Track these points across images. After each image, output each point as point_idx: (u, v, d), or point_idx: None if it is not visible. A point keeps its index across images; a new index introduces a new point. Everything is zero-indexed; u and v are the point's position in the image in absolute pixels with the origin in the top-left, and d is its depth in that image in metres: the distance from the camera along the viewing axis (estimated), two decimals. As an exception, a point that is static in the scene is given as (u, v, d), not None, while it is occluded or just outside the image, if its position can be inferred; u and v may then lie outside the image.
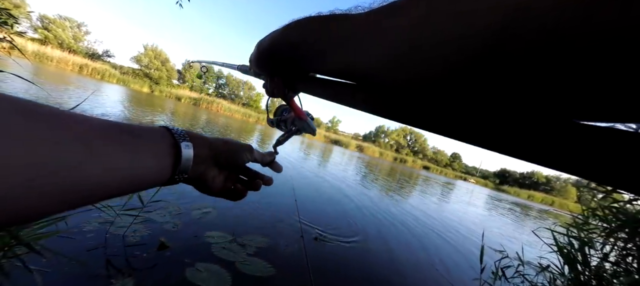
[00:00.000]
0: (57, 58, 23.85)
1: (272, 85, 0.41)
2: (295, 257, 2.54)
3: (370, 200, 6.33)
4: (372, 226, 4.19)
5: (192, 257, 2.07)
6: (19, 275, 1.39)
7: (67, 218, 1.85)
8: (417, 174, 24.50)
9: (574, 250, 2.05)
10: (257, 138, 13.71)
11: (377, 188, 8.58)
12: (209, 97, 35.54)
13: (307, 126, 0.50)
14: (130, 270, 1.76)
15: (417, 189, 11.78)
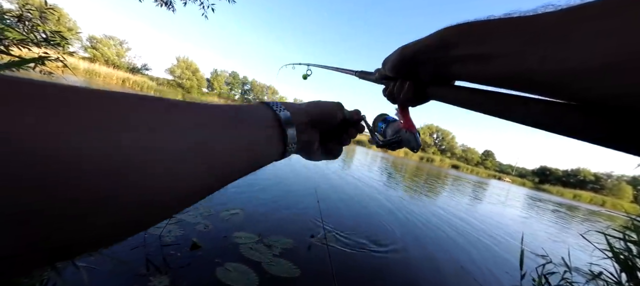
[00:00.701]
0: (103, 73, 26.53)
1: (401, 90, 0.41)
2: (319, 259, 2.54)
3: (396, 201, 6.15)
4: (396, 228, 4.06)
5: (222, 257, 2.17)
6: (68, 272, 1.56)
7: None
8: (446, 173, 23.35)
9: (633, 256, 1.80)
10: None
11: (403, 189, 8.31)
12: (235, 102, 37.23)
13: (413, 139, 0.48)
14: (166, 268, 1.88)
15: (446, 189, 11.22)
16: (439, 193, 9.35)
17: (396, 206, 5.59)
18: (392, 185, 8.56)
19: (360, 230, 3.55)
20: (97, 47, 34.27)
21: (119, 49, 36.72)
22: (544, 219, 9.28)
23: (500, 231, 5.69)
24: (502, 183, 32.73)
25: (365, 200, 5.45)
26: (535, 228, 7.21)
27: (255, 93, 46.56)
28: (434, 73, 0.34)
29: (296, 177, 6.01)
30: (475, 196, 11.36)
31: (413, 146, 0.48)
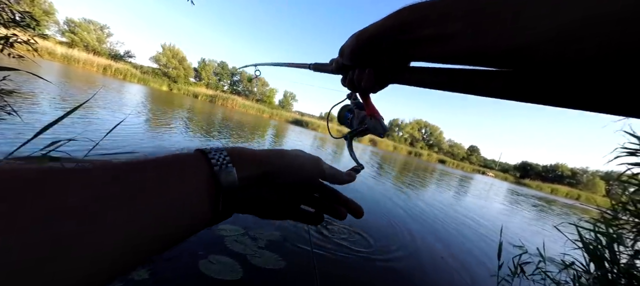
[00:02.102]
0: (83, 60, 25.17)
1: (361, 78, 0.39)
2: (302, 249, 2.55)
3: (382, 194, 6.26)
4: (381, 220, 4.14)
5: (206, 249, 2.14)
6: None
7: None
8: (433, 168, 23.92)
9: (601, 247, 1.91)
10: (271, 133, 13.89)
11: (390, 182, 8.45)
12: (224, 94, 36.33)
13: (379, 125, 0.48)
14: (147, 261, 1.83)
15: (432, 183, 11.51)
16: (425, 187, 9.57)
17: (382, 198, 5.68)
18: (380, 178, 8.68)
19: (345, 222, 3.59)
20: (75, 31, 32.45)
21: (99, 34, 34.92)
22: (522, 212, 9.71)
23: (481, 223, 5.90)
24: (485, 177, 33.92)
25: (352, 193, 5.51)
26: (514, 221, 7.53)
27: (245, 84, 45.65)
28: (392, 57, 0.34)
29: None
30: (459, 190, 11.71)
31: (379, 132, 0.49)
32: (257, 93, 45.64)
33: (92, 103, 7.25)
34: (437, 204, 6.73)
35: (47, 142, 1.42)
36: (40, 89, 7.00)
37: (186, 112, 12.99)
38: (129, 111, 8.02)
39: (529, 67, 0.22)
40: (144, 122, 7.05)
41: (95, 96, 8.97)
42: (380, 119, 0.48)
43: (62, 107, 5.89)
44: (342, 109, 0.58)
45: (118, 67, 27.48)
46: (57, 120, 1.20)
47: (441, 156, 49.82)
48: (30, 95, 5.90)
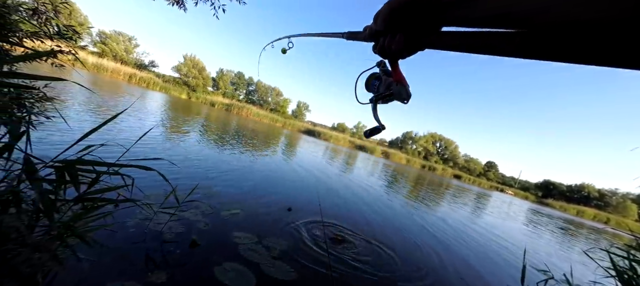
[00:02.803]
0: (111, 68, 26.78)
1: (392, 43, 0.43)
2: (319, 263, 2.53)
3: (397, 209, 6.12)
4: (398, 237, 4.03)
5: (221, 256, 2.17)
6: (71, 263, 1.57)
7: (113, 214, 2.05)
8: (448, 183, 23.17)
9: (637, 276, 1.77)
10: (283, 142, 14.03)
11: (404, 197, 8.26)
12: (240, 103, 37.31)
13: (403, 90, 0.51)
14: (165, 265, 1.89)
15: (447, 199, 11.13)
16: (441, 202, 9.27)
17: (398, 214, 5.55)
18: (394, 192, 8.51)
19: (363, 238, 3.53)
20: (106, 42, 34.75)
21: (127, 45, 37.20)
22: (546, 234, 9.15)
23: (502, 244, 5.61)
24: (504, 195, 32.39)
25: (367, 207, 5.43)
26: (538, 243, 7.10)
27: (260, 94, 46.73)
28: (423, 21, 0.37)
29: (299, 180, 6.01)
30: (477, 207, 11.23)
31: (403, 97, 0.52)
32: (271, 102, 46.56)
33: (119, 110, 7.65)
34: (454, 221, 6.48)
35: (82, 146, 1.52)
36: (73, 95, 7.50)
37: (204, 119, 13.43)
38: (153, 118, 8.40)
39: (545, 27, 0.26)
40: (166, 129, 7.34)
41: (122, 103, 9.48)
42: (405, 85, 0.51)
43: (93, 112, 6.26)
44: (370, 77, 0.60)
45: (142, 76, 29.00)
46: (97, 128, 1.29)
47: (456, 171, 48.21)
48: (68, 101, 6.33)
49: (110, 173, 1.46)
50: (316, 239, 2.99)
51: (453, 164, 53.39)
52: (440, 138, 54.67)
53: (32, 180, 1.17)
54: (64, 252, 1.34)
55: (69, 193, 1.41)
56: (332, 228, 3.51)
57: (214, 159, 5.47)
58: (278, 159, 8.11)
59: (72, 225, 1.28)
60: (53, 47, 2.36)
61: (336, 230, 3.46)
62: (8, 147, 1.20)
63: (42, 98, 2.55)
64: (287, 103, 47.97)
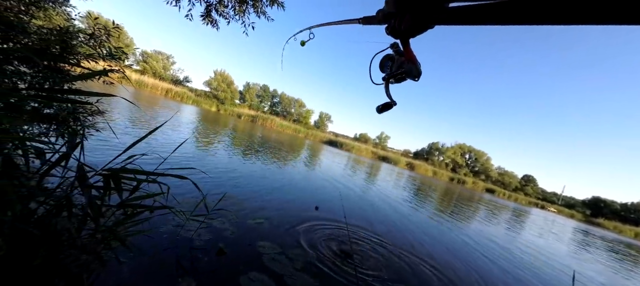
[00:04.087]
0: (150, 84, 29.35)
1: (401, 22, 0.46)
2: (344, 278, 2.45)
3: (426, 224, 5.81)
4: (428, 253, 3.81)
5: (246, 265, 2.19)
6: (112, 265, 1.68)
7: (149, 220, 2.18)
8: (480, 197, 21.64)
9: None
10: (306, 153, 14.16)
11: (433, 211, 7.84)
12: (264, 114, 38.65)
13: (414, 68, 0.55)
14: (194, 271, 1.95)
15: (481, 214, 10.35)
16: (473, 218, 8.64)
17: (426, 229, 5.27)
18: (420, 205, 8.12)
19: (392, 252, 3.39)
20: (147, 60, 38.23)
21: (165, 63, 40.59)
22: (599, 258, 8.07)
23: (547, 266, 5.05)
24: (545, 212, 29.39)
25: (395, 220, 5.22)
26: (589, 268, 6.28)
27: (283, 105, 48.03)
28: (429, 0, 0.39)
29: (323, 192, 5.99)
30: (515, 224, 10.29)
31: (414, 74, 0.56)
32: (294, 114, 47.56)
33: (158, 122, 8.28)
34: (491, 239, 5.99)
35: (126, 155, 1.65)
36: (119, 109, 8.27)
37: (231, 130, 14.05)
38: (187, 130, 8.97)
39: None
40: (198, 140, 7.78)
41: (160, 116, 10.26)
42: (416, 63, 0.55)
43: (135, 124, 6.84)
44: (383, 58, 0.64)
45: (177, 91, 31.38)
46: (140, 139, 1.40)
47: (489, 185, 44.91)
48: (115, 114, 7.01)
49: (148, 181, 1.56)
50: (341, 252, 2.92)
51: (485, 177, 49.94)
52: (470, 150, 51.66)
53: (83, 187, 1.28)
54: (106, 255, 1.44)
55: (113, 199, 1.53)
56: (359, 242, 3.41)
57: (241, 169, 5.66)
58: (302, 169, 8.18)
59: (114, 229, 1.38)
60: (105, 67, 2.65)
61: (362, 243, 3.36)
62: (66, 155, 1.34)
63: (95, 112, 2.84)
64: (310, 114, 48.65)
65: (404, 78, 0.59)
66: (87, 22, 3.52)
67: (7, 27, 2.13)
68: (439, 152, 51.95)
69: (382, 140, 54.86)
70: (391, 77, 0.60)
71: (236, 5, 3.85)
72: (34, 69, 2.20)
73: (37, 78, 2.11)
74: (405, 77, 0.58)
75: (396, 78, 0.60)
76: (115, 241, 1.42)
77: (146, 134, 1.45)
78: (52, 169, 1.30)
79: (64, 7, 3.30)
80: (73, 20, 3.47)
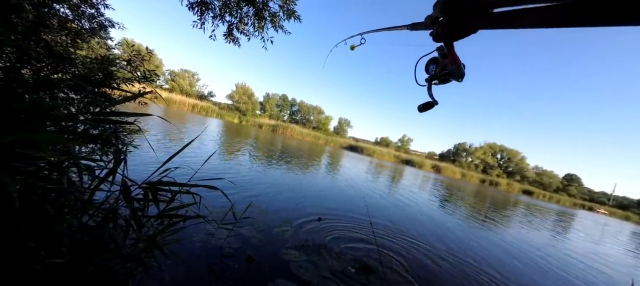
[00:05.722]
0: (178, 101, 31.39)
1: (444, 27, 0.50)
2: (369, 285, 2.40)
3: (457, 229, 5.52)
4: (462, 264, 3.61)
5: (274, 272, 2.23)
6: (153, 272, 1.80)
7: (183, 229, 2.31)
8: (516, 200, 20.13)
9: None
10: (327, 159, 14.18)
11: (464, 215, 7.43)
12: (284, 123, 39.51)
13: (457, 70, 0.58)
14: (225, 278, 2.02)
15: (519, 218, 9.61)
16: (512, 222, 8.05)
17: (459, 234, 5.01)
18: (452, 209, 7.74)
19: (420, 262, 3.27)
20: (175, 79, 40.94)
21: (191, 80, 43.19)
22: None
23: (603, 275, 4.54)
24: (595, 214, 26.53)
25: (424, 227, 5.03)
26: (653, 278, 5.53)
27: (302, 113, 48.72)
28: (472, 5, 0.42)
29: (345, 198, 5.94)
30: (561, 228, 9.41)
31: (458, 76, 0.59)
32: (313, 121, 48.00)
33: (187, 136, 8.80)
34: (535, 245, 5.53)
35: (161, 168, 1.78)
36: (152, 125, 8.91)
37: (253, 140, 14.50)
38: (213, 142, 9.43)
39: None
40: (223, 151, 8.13)
41: (189, 130, 10.89)
42: (459, 65, 0.57)
43: (168, 139, 7.33)
44: (428, 62, 0.68)
45: (202, 105, 33.21)
46: (174, 154, 1.51)
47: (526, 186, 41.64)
48: (150, 130, 7.58)
49: (182, 192, 1.67)
50: (368, 260, 2.87)
51: (521, 178, 46.45)
52: (502, 149, 48.52)
53: (127, 200, 1.41)
54: (149, 262, 1.55)
55: (151, 210, 1.65)
56: (385, 248, 3.33)
57: (264, 178, 5.80)
58: (323, 176, 8.19)
59: (154, 238, 1.48)
60: (140, 89, 2.90)
61: (388, 249, 3.27)
62: (112, 171, 1.47)
63: (133, 130, 3.10)
64: (329, 121, 48.83)
65: (448, 80, 0.62)
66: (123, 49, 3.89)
67: (58, 60, 2.42)
68: (467, 153, 49.38)
69: (405, 143, 53.38)
70: (435, 79, 0.64)
71: (255, 22, 4.03)
72: (81, 94, 2.45)
73: (84, 102, 2.35)
74: (449, 79, 0.61)
75: (440, 79, 0.63)
76: (156, 249, 1.53)
77: (179, 150, 1.56)
78: (101, 184, 1.44)
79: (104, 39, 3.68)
80: (112, 48, 3.85)
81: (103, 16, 3.45)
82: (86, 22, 3.32)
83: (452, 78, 0.61)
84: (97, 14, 3.40)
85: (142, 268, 1.46)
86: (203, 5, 3.74)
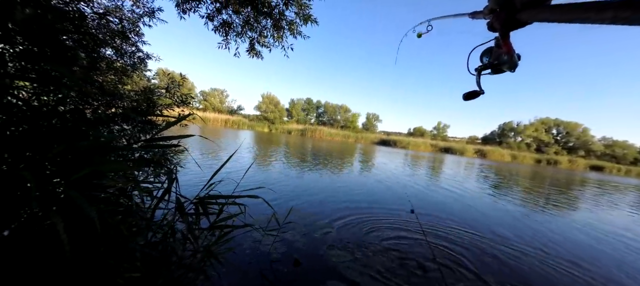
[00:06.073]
0: (212, 118, 33.76)
1: (498, 19, 0.51)
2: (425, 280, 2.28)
3: (525, 222, 5.02)
4: (527, 257, 3.26)
5: (322, 274, 2.24)
6: (212, 280, 1.92)
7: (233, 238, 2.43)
8: (583, 178, 17.69)
9: None
10: (358, 157, 13.97)
11: (527, 204, 6.73)
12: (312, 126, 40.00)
13: (509, 59, 0.58)
14: (277, 282, 2.08)
15: (590, 196, 8.41)
16: (583, 203, 7.07)
17: (522, 223, 4.55)
18: (505, 196, 7.07)
19: (478, 255, 3.03)
20: (207, 98, 43.99)
21: (221, 97, 46.05)
22: None
23: None
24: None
25: (476, 217, 4.67)
26: None
27: (328, 114, 48.81)
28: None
29: (382, 193, 5.78)
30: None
31: (510, 66, 0.59)
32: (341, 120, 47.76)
33: (224, 150, 9.36)
34: (621, 224, 4.80)
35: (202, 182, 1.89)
36: (191, 144, 9.66)
37: (284, 146, 14.90)
38: (248, 153, 9.90)
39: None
40: (258, 161, 8.49)
41: (225, 145, 11.59)
42: (513, 55, 0.57)
43: (207, 155, 7.88)
44: (483, 52, 0.68)
45: (234, 120, 35.23)
46: (217, 170, 1.59)
47: (594, 161, 36.28)
48: (192, 149, 8.25)
49: (228, 203, 1.75)
50: (419, 256, 2.73)
51: (585, 152, 40.71)
52: (557, 123, 43.13)
53: (182, 215, 1.52)
54: (208, 271, 1.66)
55: (203, 223, 1.76)
56: (439, 246, 3.15)
57: (299, 182, 5.90)
58: (358, 174, 8.08)
59: (210, 248, 1.58)
60: (179, 113, 3.16)
61: (440, 245, 3.09)
62: (166, 191, 1.61)
63: (178, 151, 3.38)
64: (356, 118, 48.14)
65: (500, 70, 0.63)
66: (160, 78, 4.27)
67: (110, 97, 2.73)
68: (515, 133, 44.79)
69: (441, 130, 50.35)
70: (487, 68, 0.65)
71: (274, 33, 4.13)
72: (131, 124, 2.73)
73: (136, 131, 2.62)
74: (502, 69, 0.62)
75: (493, 68, 0.64)
76: (212, 258, 1.62)
77: (221, 166, 1.65)
78: (159, 203, 1.58)
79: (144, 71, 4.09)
80: (152, 79, 4.25)
81: (141, 52, 3.84)
82: (128, 59, 3.71)
83: (505, 68, 0.61)
84: (136, 50, 3.79)
85: (203, 276, 1.57)
86: (226, 25, 3.94)
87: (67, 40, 1.72)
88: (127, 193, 1.44)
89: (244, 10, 3.83)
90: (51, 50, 1.21)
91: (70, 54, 1.65)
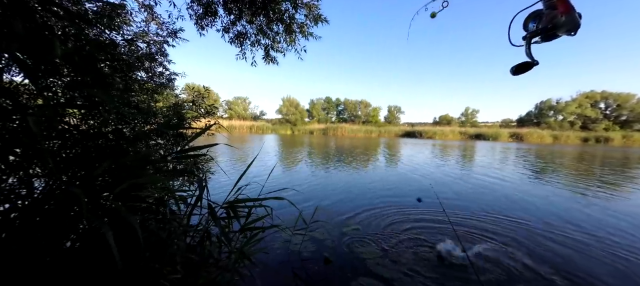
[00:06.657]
0: (237, 125, 35.23)
1: None
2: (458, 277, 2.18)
3: (579, 209, 4.61)
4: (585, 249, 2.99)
5: (353, 272, 2.24)
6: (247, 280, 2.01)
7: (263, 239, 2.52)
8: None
9: None
10: (382, 151, 13.69)
11: (577, 188, 6.15)
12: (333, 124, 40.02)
13: (571, 21, 0.51)
14: (310, 280, 2.12)
15: (647, 177, 7.43)
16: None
17: (575, 211, 4.17)
18: (550, 181, 6.51)
19: (517, 248, 2.84)
20: (231, 107, 45.87)
21: (244, 105, 47.76)
22: None
23: None
24: None
25: (518, 206, 4.37)
26: None
27: (349, 111, 48.40)
28: None
29: (411, 187, 5.61)
30: None
31: (571, 27, 0.51)
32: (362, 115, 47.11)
33: (250, 156, 9.71)
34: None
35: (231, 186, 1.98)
36: (220, 152, 10.13)
37: (308, 147, 15.05)
38: (273, 156, 10.17)
39: None
40: (283, 163, 8.68)
41: (250, 149, 12.02)
42: (573, 14, 0.50)
43: (235, 160, 8.23)
44: (527, 18, 0.62)
45: (258, 125, 36.50)
46: (242, 174, 1.67)
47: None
48: (220, 157, 8.68)
49: (256, 206, 1.82)
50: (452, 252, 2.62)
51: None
52: (604, 96, 38.61)
53: (215, 220, 1.61)
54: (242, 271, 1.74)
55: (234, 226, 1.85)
56: (476, 238, 3.00)
57: (324, 180, 5.93)
58: (383, 169, 7.93)
59: (242, 249, 1.65)
60: (206, 123, 3.35)
61: (477, 240, 2.93)
62: (199, 198, 1.71)
63: (207, 159, 3.57)
64: (378, 112, 47.16)
65: (555, 35, 0.55)
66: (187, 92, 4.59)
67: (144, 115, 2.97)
68: (555, 111, 40.87)
69: (469, 116, 47.53)
70: (537, 35, 0.57)
71: (286, 37, 4.20)
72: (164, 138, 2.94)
73: (169, 144, 2.81)
74: (557, 33, 0.54)
75: (546, 35, 0.56)
76: (246, 259, 1.70)
77: (245, 170, 1.72)
78: (193, 210, 1.69)
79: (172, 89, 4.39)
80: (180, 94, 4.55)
81: (168, 70, 4.12)
82: (157, 79, 4.01)
83: (561, 32, 0.53)
84: (164, 69, 4.07)
85: (239, 277, 1.65)
86: (241, 36, 4.08)
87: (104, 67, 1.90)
88: (165, 201, 1.56)
89: (256, 19, 3.94)
90: (91, 78, 1.35)
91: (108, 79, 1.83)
